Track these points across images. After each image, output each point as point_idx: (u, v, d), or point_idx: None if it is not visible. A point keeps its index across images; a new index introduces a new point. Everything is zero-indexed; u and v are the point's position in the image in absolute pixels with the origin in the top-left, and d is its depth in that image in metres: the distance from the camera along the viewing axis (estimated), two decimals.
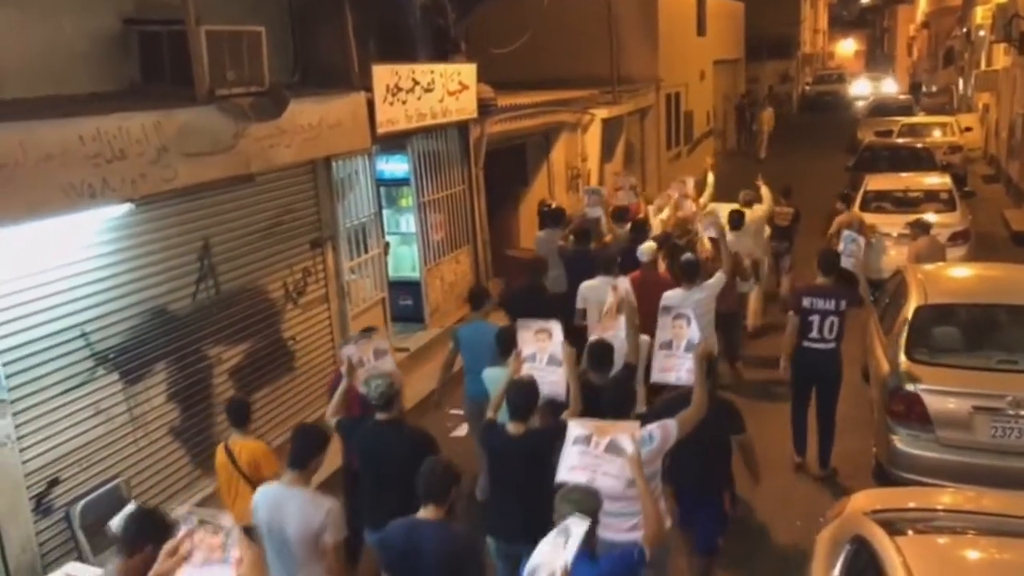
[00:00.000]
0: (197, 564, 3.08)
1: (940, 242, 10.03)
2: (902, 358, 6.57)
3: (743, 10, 28.98)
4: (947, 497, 5.26)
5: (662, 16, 18.37)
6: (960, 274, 8.44)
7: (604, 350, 5.45)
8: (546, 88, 13.74)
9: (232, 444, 5.12)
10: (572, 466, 4.12)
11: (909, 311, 6.95)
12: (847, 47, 64.95)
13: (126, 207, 5.56)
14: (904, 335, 6.75)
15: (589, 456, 4.11)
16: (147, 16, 6.30)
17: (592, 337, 5.90)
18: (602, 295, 6.79)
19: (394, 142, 9.48)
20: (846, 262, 8.42)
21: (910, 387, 6.29)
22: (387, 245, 9.51)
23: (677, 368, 5.32)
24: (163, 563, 3.10)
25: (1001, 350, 6.62)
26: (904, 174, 14.26)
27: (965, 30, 30.12)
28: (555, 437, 4.52)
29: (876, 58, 66.64)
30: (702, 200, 11.21)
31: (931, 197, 12.73)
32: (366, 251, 9.00)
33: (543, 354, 5.34)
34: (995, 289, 7.55)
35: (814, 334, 6.83)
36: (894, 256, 10.55)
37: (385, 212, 9.90)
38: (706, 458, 4.98)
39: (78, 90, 5.79)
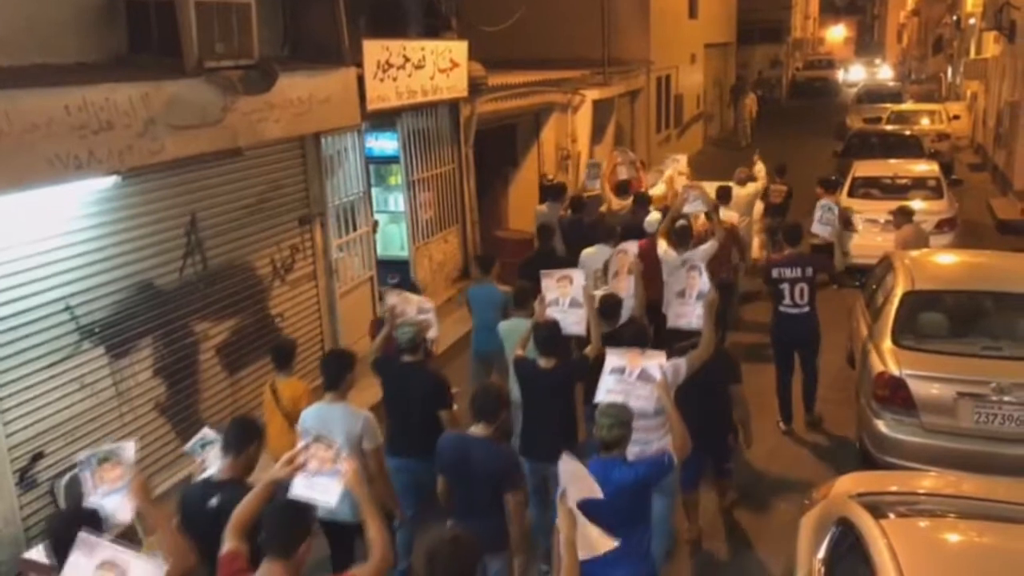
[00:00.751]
0: (310, 473, 3.50)
1: (924, 230, 10.09)
2: (888, 343, 6.61)
3: None
4: (928, 481, 5.32)
5: None
6: (947, 261, 8.48)
7: (612, 302, 6.23)
8: (537, 68, 13.66)
9: (277, 384, 5.65)
10: (609, 390, 4.72)
11: (896, 297, 6.98)
12: (837, 33, 64.95)
13: (112, 179, 5.50)
14: (891, 320, 6.78)
15: (624, 383, 4.72)
16: None
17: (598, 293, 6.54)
18: (597, 262, 7.67)
19: (384, 119, 9.41)
20: (822, 230, 9.00)
21: (896, 372, 6.33)
22: (376, 223, 9.46)
23: (688, 315, 6.07)
24: (282, 469, 3.50)
25: (986, 336, 6.67)
26: (892, 161, 14.31)
27: (955, 18, 30.19)
28: (578, 369, 5.46)
29: (866, 45, 66.79)
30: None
31: (919, 184, 12.78)
32: (355, 229, 8.94)
33: (565, 298, 6.07)
34: (981, 276, 7.60)
35: (787, 300, 7.34)
36: (881, 243, 10.62)
37: (374, 190, 9.85)
38: (710, 400, 5.49)
39: (64, 60, 5.68)
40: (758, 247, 11.23)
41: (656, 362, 4.75)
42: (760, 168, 12.02)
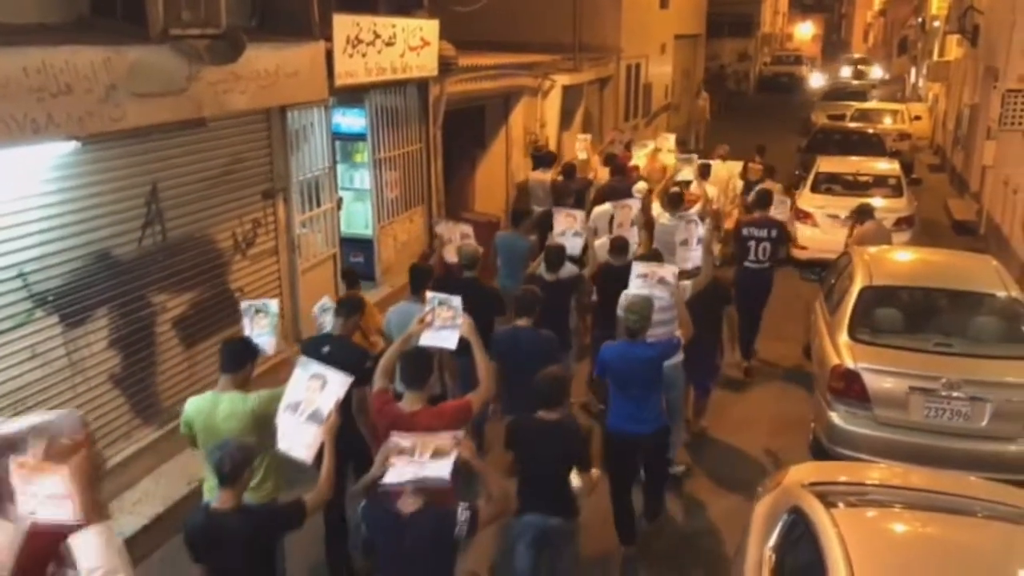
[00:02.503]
0: (435, 328, 4.81)
1: (886, 227, 10.26)
2: (845, 337, 6.73)
3: None
4: (877, 472, 5.44)
5: None
6: (904, 258, 8.64)
7: (622, 242, 7.59)
8: (508, 51, 13.58)
9: None
10: (637, 288, 6.09)
11: (854, 291, 7.10)
12: (805, 30, 65.33)
13: (72, 145, 5.36)
14: (847, 314, 6.91)
15: (647, 286, 6.09)
16: None
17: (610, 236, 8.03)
18: (606, 218, 9.03)
19: (352, 95, 9.30)
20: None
21: (851, 365, 6.45)
22: (340, 200, 9.36)
23: (693, 258, 7.47)
24: (415, 327, 4.82)
25: (938, 333, 6.83)
26: (855, 158, 14.52)
27: (920, 20, 30.66)
28: (575, 282, 7.25)
29: (833, 43, 67.42)
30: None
31: (880, 182, 13.01)
32: (319, 205, 8.84)
33: (570, 229, 8.03)
34: (937, 274, 7.76)
35: (751, 256, 8.65)
36: (841, 238, 10.78)
37: (340, 167, 9.73)
38: (704, 322, 6.51)
39: (23, 20, 5.52)
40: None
41: (670, 272, 6.21)
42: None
